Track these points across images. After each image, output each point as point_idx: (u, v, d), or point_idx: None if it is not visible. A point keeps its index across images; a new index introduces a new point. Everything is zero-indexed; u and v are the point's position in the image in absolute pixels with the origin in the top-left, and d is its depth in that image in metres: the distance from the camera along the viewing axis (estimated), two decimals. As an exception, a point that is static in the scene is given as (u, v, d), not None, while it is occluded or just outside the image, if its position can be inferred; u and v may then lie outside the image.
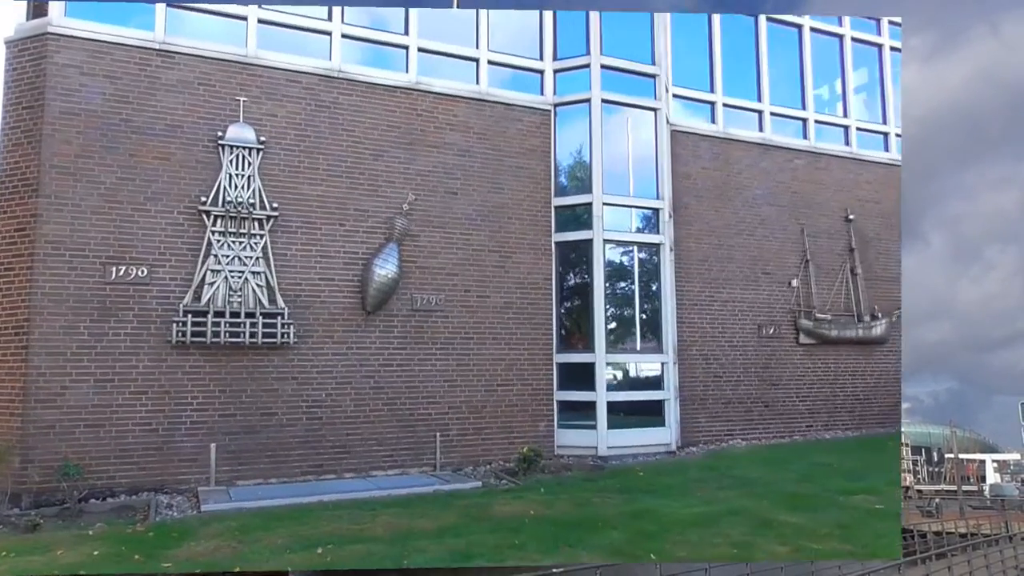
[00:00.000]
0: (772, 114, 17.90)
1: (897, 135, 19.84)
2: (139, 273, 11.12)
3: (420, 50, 13.60)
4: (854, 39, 19.40)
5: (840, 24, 19.26)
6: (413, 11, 13.55)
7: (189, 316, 11.29)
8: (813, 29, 18.74)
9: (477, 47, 14.20)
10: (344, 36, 13.00)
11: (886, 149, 19.65)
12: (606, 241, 14.87)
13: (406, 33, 13.53)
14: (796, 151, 18.13)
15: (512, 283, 14.11)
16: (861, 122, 19.35)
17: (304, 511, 10.27)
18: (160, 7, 11.50)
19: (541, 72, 14.85)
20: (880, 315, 18.68)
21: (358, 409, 12.58)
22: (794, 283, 17.66)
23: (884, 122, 19.75)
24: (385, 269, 12.72)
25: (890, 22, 20.03)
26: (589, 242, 14.75)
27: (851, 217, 18.63)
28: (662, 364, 15.29)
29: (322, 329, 12.37)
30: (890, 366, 18.82)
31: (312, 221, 12.39)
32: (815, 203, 18.23)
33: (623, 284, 15.56)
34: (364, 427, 12.61)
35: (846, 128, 19.12)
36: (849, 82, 19.29)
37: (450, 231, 13.59)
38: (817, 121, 18.57)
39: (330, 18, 12.92)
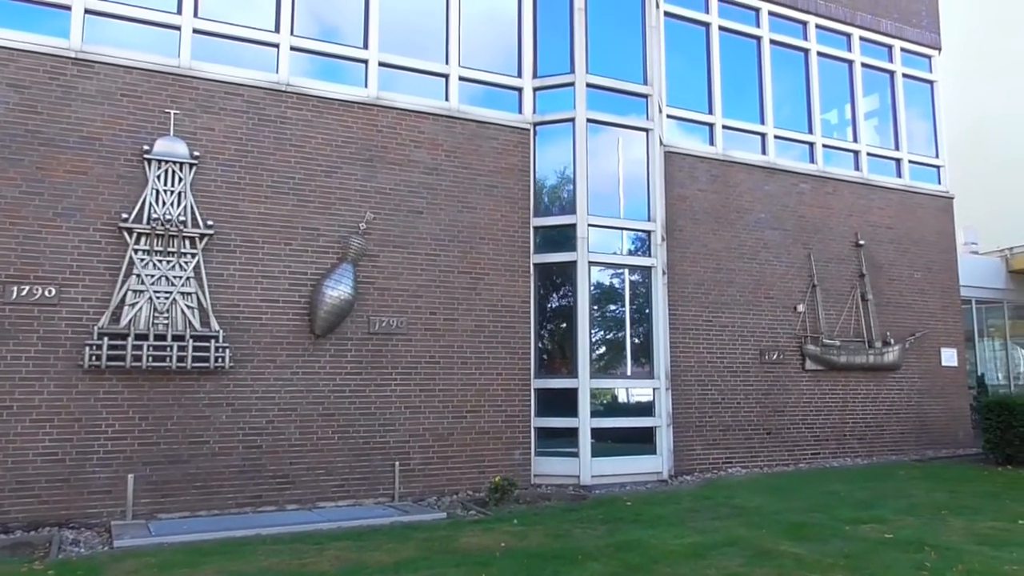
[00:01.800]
0: (776, 137, 14.24)
1: (923, 163, 15.96)
2: (46, 293, 8.27)
3: (382, 64, 10.54)
4: (864, 64, 15.56)
5: (849, 49, 15.46)
6: (374, 22, 10.51)
7: (105, 339, 8.41)
8: (820, 53, 15.00)
9: (447, 62, 11.05)
10: (294, 49, 10.01)
11: (899, 175, 15.71)
12: (591, 263, 11.49)
13: (365, 47, 10.51)
14: (803, 175, 14.36)
15: (484, 306, 10.85)
16: (872, 147, 15.51)
17: (237, 545, 7.46)
18: (78, 12, 8.79)
19: (519, 89, 11.57)
20: (892, 341, 14.71)
21: (304, 437, 9.51)
22: (800, 308, 13.90)
23: (896, 148, 15.82)
24: (337, 290, 9.69)
25: (903, 50, 16.14)
26: (573, 264, 11.41)
27: (862, 242, 14.77)
28: (653, 390, 11.78)
29: (263, 353, 9.35)
30: (903, 393, 14.77)
31: (254, 240, 9.41)
32: (823, 228, 14.42)
33: (611, 307, 12.13)
34: (311, 456, 9.53)
35: (856, 153, 15.27)
36: (859, 107, 15.43)
37: (414, 251, 10.43)
38: (825, 145, 14.82)
39: (278, 30, 9.97)
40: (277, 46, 9.93)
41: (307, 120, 9.90)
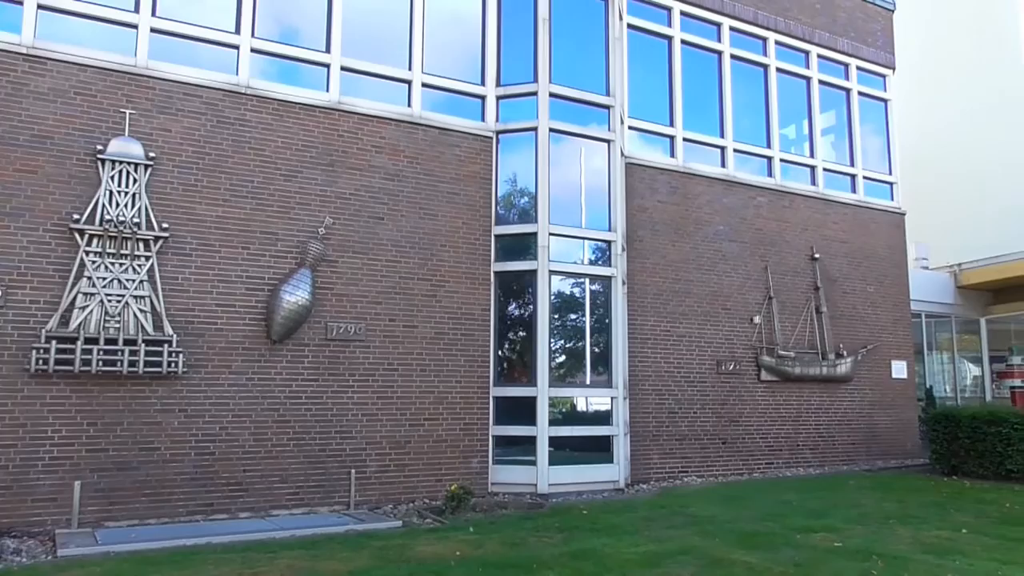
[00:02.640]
0: (736, 151, 14.44)
1: (877, 180, 16.31)
2: (-8, 294, 8.11)
3: (344, 68, 10.44)
4: (821, 82, 15.86)
5: (807, 66, 15.75)
6: (337, 26, 10.43)
7: (53, 342, 8.19)
8: (779, 70, 15.25)
9: (410, 68, 11.00)
10: (254, 51, 9.86)
11: (853, 191, 16.03)
12: (552, 272, 11.51)
13: (328, 51, 10.40)
14: (761, 188, 14.56)
15: (444, 313, 10.80)
16: (828, 163, 15.80)
17: (187, 554, 7.28)
18: (30, 7, 8.56)
19: (482, 97, 11.57)
20: (845, 353, 14.98)
21: (258, 444, 9.35)
22: (756, 319, 14.08)
23: (851, 164, 16.14)
24: (295, 296, 9.56)
25: (859, 68, 16.48)
26: (534, 273, 11.41)
27: (817, 256, 15.02)
28: (611, 399, 11.83)
29: (218, 358, 9.18)
30: (854, 404, 15.04)
31: (210, 243, 9.25)
32: (780, 241, 14.63)
33: (571, 317, 12.17)
34: (265, 463, 9.37)
35: (812, 168, 15.53)
36: (816, 123, 15.72)
37: (374, 257, 10.35)
38: (783, 160, 15.04)
39: (238, 31, 9.82)
40: (237, 47, 9.78)
41: (267, 123, 9.77)
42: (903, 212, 16.65)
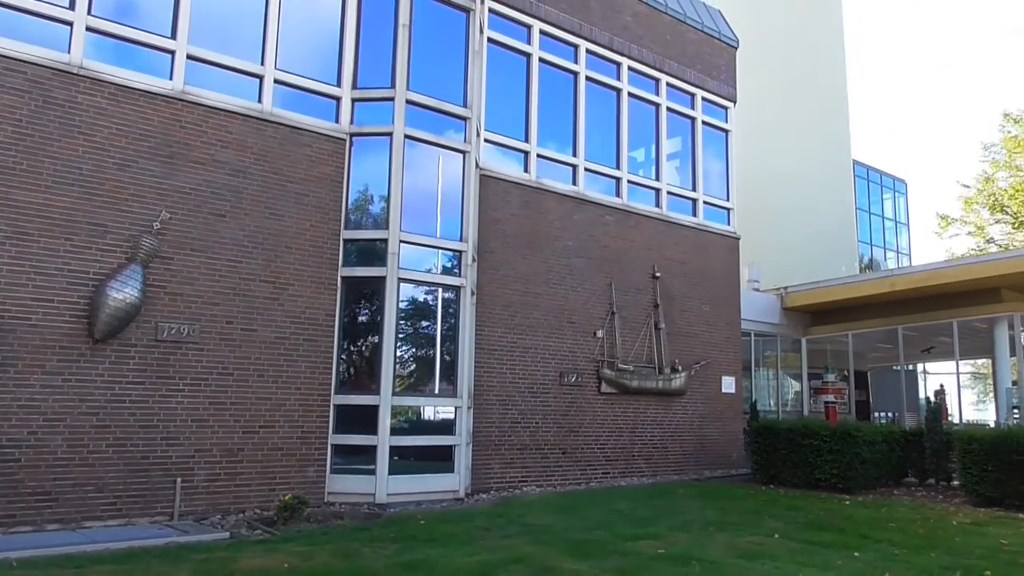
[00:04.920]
0: (587, 170, 14.86)
1: (715, 205, 17.20)
2: None
3: (191, 57, 9.93)
4: (669, 109, 16.62)
5: (657, 93, 16.46)
6: (185, 12, 9.88)
7: None
8: (631, 94, 15.85)
9: (262, 63, 10.60)
10: (90, 29, 9.18)
11: (694, 214, 16.88)
12: (401, 280, 11.39)
13: (173, 37, 9.85)
14: (609, 207, 15.08)
15: (286, 317, 10.44)
16: (672, 187, 16.55)
17: None
18: None
19: (338, 99, 11.32)
20: (680, 368, 15.72)
21: (73, 450, 8.66)
22: (599, 334, 14.54)
23: (693, 189, 16.99)
24: (123, 293, 8.94)
25: (704, 99, 17.40)
26: (382, 279, 11.23)
27: (658, 275, 15.70)
28: (455, 408, 11.83)
29: (30, 357, 8.44)
30: (687, 416, 15.81)
31: (27, 232, 8.50)
32: (625, 259, 15.18)
33: (419, 325, 12.11)
34: (79, 471, 8.69)
35: (657, 191, 16.23)
36: (663, 148, 16.45)
37: (213, 256, 9.87)
38: (630, 181, 15.63)
39: (72, 6, 9.10)
40: (71, 24, 9.07)
41: (101, 107, 9.11)
42: (738, 236, 17.70)
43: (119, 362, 9.06)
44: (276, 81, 10.70)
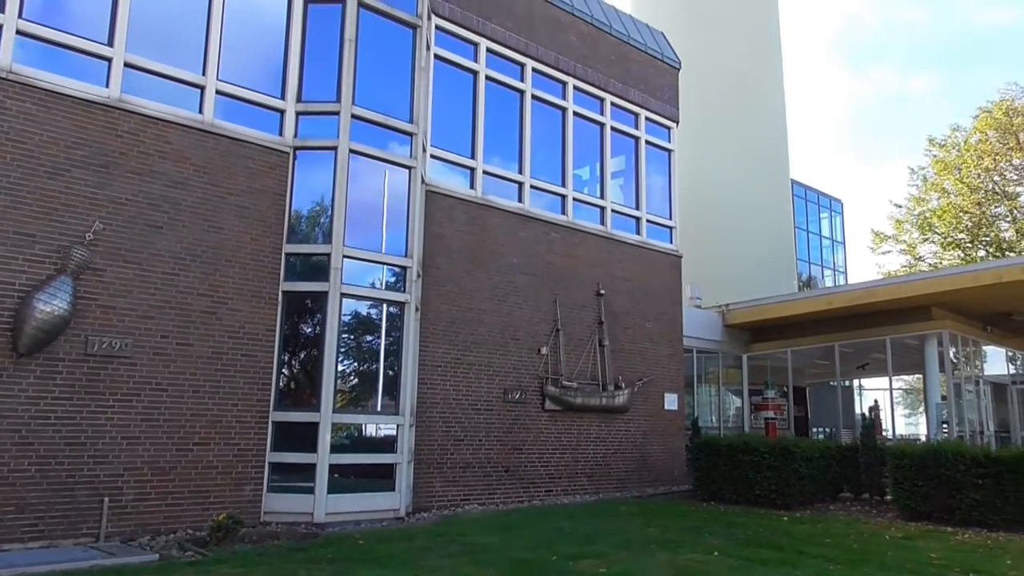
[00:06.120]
0: (532, 187, 14.91)
1: (658, 223, 17.40)
2: None
3: (128, 65, 9.68)
4: (613, 128, 16.81)
5: (601, 113, 16.64)
6: (123, 18, 9.63)
7: None
8: (576, 113, 15.99)
9: (203, 73, 10.40)
10: (21, 33, 8.89)
11: (637, 232, 17.08)
12: (344, 295, 11.23)
13: (110, 44, 9.59)
14: (554, 224, 15.16)
15: (224, 332, 10.20)
16: (617, 205, 16.72)
17: None
18: None
19: (282, 112, 11.15)
20: (623, 385, 15.82)
21: (-7, 470, 8.34)
22: (544, 350, 14.55)
23: (637, 208, 17.18)
24: (51, 305, 8.61)
25: (647, 119, 17.65)
26: (325, 295, 11.06)
27: (602, 292, 15.81)
28: (397, 426, 11.66)
29: (-51, 372, 8.14)
30: (630, 434, 15.91)
31: (-52, 242, 8.22)
32: (570, 276, 15.26)
33: (362, 341, 11.95)
34: None
35: (602, 209, 16.38)
36: (607, 167, 16.64)
37: (149, 268, 9.59)
38: (575, 199, 15.73)
39: (2, 9, 8.81)
40: (0, 27, 8.75)
41: (30, 113, 8.82)
42: (680, 254, 17.95)
43: (45, 377, 8.72)
44: (218, 92, 10.51)
